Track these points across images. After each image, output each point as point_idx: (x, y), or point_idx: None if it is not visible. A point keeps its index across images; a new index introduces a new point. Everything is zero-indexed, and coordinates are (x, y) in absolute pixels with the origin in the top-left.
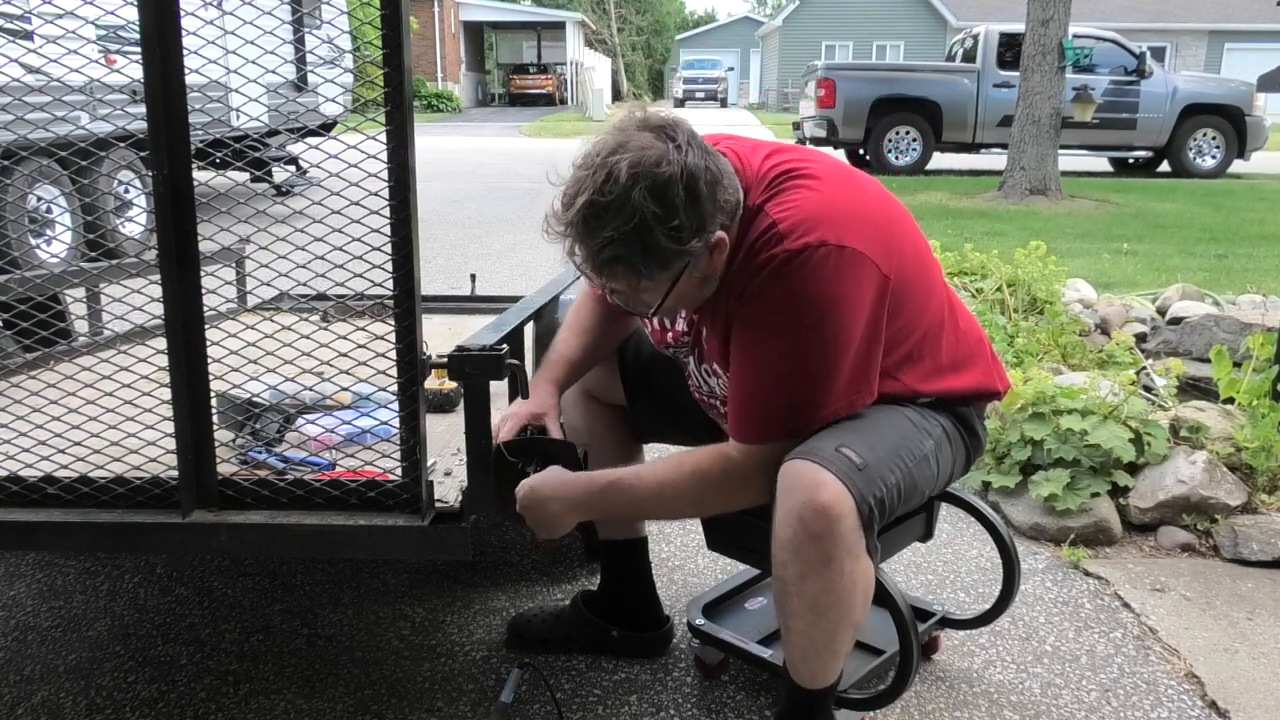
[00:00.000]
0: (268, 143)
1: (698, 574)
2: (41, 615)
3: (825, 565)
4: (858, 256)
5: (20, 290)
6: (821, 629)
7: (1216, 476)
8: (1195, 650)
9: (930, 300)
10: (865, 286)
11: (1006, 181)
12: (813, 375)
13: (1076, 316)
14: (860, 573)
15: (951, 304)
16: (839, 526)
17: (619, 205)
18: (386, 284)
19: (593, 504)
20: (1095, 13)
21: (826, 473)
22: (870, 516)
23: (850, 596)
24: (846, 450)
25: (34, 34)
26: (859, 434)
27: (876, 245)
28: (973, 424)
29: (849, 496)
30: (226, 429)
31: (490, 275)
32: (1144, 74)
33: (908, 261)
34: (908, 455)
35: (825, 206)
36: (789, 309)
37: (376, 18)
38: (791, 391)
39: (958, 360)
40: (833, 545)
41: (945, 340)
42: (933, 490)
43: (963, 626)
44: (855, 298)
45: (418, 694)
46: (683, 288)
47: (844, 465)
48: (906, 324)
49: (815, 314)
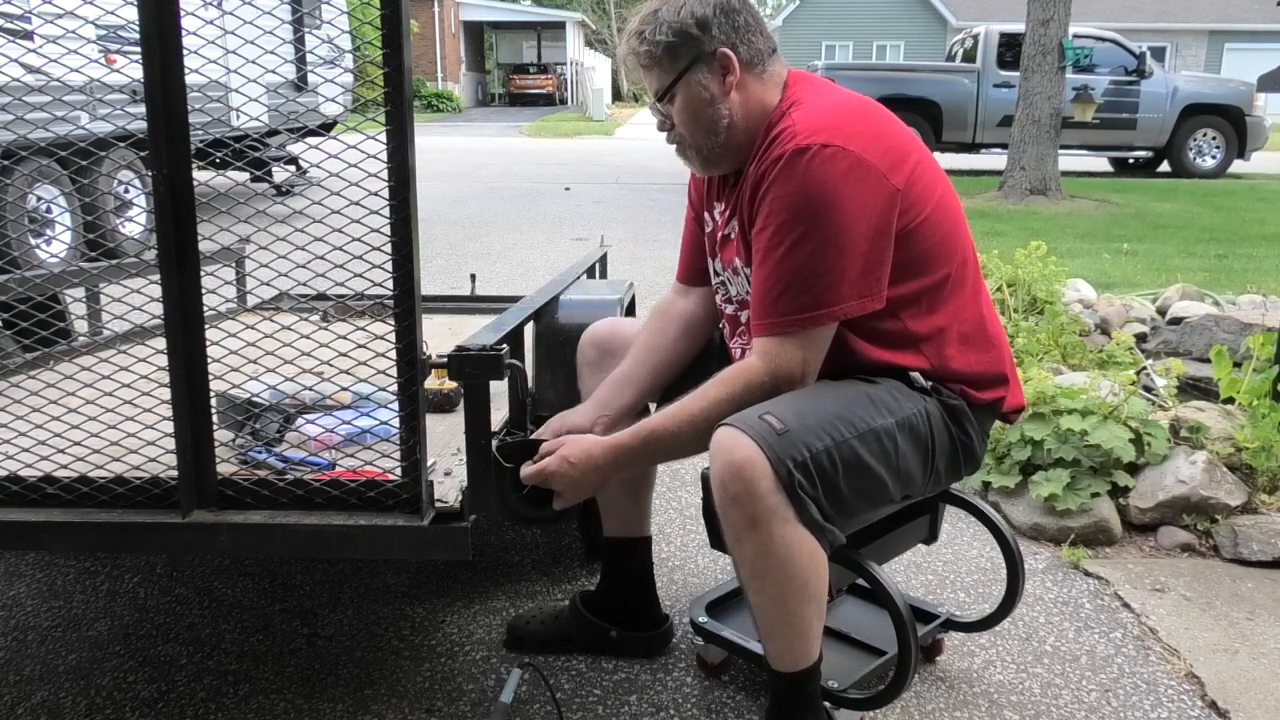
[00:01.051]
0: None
1: (698, 574)
2: (41, 615)
3: (751, 527)
4: (864, 162)
5: (20, 290)
6: (768, 597)
7: (1216, 476)
8: (1195, 650)
9: (951, 254)
10: (870, 192)
11: (1006, 181)
12: (818, 266)
13: (1076, 316)
14: (795, 539)
15: (978, 285)
16: (755, 487)
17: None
18: (386, 284)
19: (638, 456)
20: (1095, 13)
21: (743, 436)
22: (790, 479)
23: (788, 562)
24: (769, 417)
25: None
26: (790, 403)
27: (887, 162)
28: (963, 420)
29: (762, 457)
30: (226, 429)
31: (490, 275)
32: (1144, 74)
33: (925, 198)
34: (845, 426)
35: (842, 117)
36: (795, 202)
37: (376, 18)
38: (801, 279)
39: (971, 339)
40: (752, 505)
41: (964, 312)
42: (901, 473)
43: (966, 629)
44: (859, 199)
45: (418, 694)
46: (690, 93)
47: (762, 429)
48: (920, 257)
49: (822, 206)
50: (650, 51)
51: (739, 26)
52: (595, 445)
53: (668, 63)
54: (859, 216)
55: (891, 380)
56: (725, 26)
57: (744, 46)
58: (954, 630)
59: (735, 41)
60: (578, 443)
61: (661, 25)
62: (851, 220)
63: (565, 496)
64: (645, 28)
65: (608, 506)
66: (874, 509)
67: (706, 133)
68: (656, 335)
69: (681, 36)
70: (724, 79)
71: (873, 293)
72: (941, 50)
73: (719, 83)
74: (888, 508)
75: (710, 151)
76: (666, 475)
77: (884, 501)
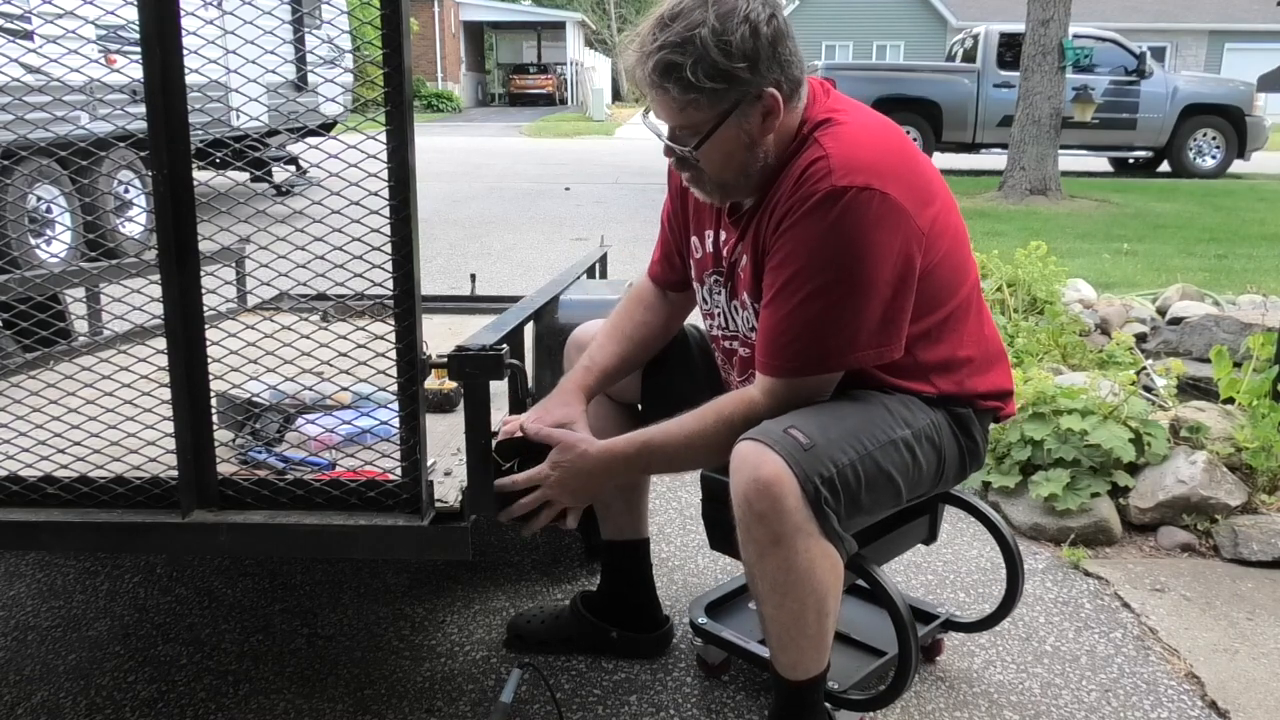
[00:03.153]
0: (268, 143)
1: (698, 574)
2: (41, 615)
3: (775, 544)
4: (898, 206)
5: (20, 290)
6: (787, 611)
7: (1216, 476)
8: (1195, 650)
9: (961, 284)
10: (900, 237)
11: (1006, 181)
12: (840, 314)
13: (1076, 316)
14: (819, 553)
15: (981, 306)
16: (782, 504)
17: (685, 14)
18: (386, 284)
19: (631, 464)
20: (1095, 13)
21: (770, 452)
22: (817, 496)
23: (810, 577)
24: (794, 431)
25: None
26: (813, 416)
27: (916, 201)
28: (970, 428)
29: (789, 473)
30: (226, 429)
31: (490, 275)
32: (1144, 74)
33: (944, 235)
34: (868, 439)
35: (875, 152)
36: (825, 246)
37: (376, 18)
38: (818, 327)
39: (978, 362)
40: (778, 523)
41: (970, 337)
42: (914, 482)
43: (966, 629)
44: (890, 245)
45: (418, 694)
46: (728, 135)
47: (788, 444)
48: (934, 294)
49: (850, 255)
50: (693, 99)
51: (785, 60)
52: (591, 446)
53: (707, 106)
54: (886, 264)
55: (902, 393)
56: (774, 62)
57: (788, 83)
58: (954, 630)
59: (781, 79)
60: (572, 446)
61: (703, 62)
62: (878, 268)
63: (558, 501)
64: (681, 61)
65: (605, 510)
66: (884, 513)
67: (737, 174)
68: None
69: (728, 80)
70: (764, 120)
71: (890, 342)
72: (941, 50)
73: (760, 124)
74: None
75: (735, 188)
76: (666, 475)
77: (892, 506)
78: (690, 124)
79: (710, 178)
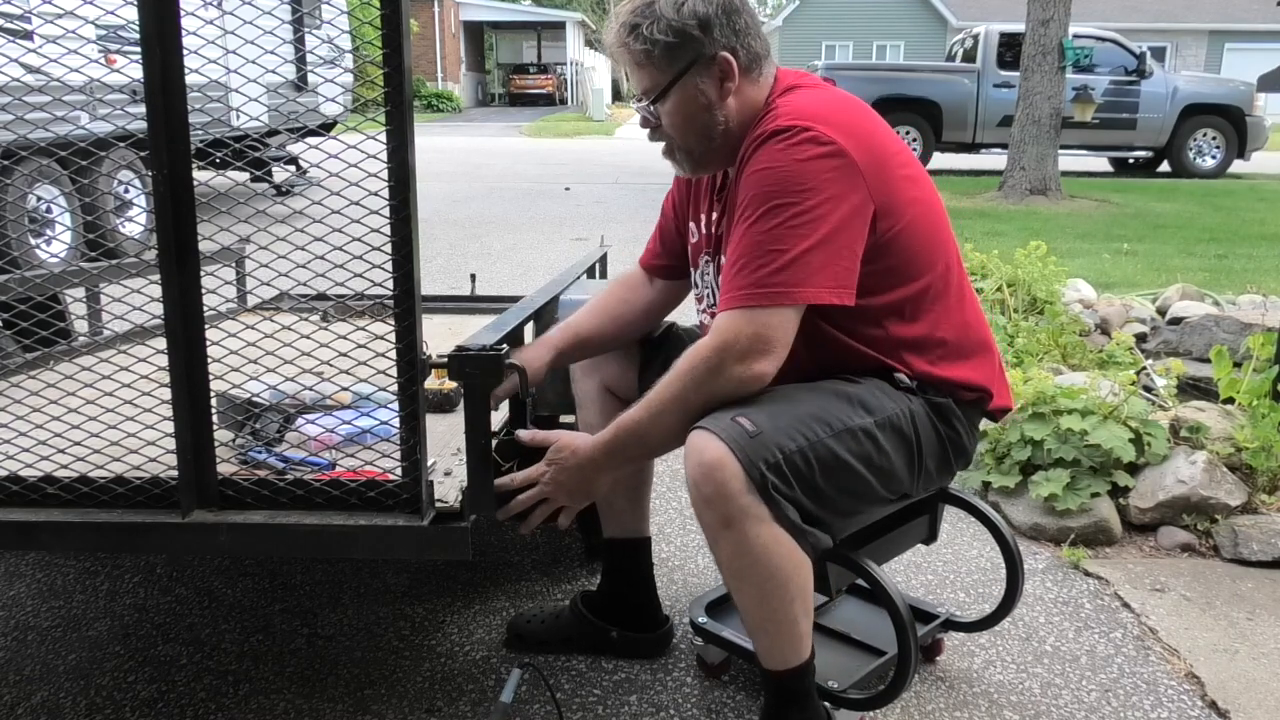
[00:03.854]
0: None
1: (698, 574)
2: (41, 615)
3: (726, 527)
4: (843, 153)
5: (20, 290)
6: (748, 596)
7: (1216, 476)
8: (1195, 650)
9: (935, 261)
10: (845, 184)
11: (1006, 181)
12: (782, 242)
13: (1076, 316)
14: (771, 539)
15: (963, 291)
16: (726, 488)
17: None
18: (386, 284)
19: (615, 455)
20: (1095, 13)
21: (714, 438)
22: (764, 481)
23: (765, 561)
24: (740, 419)
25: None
26: (764, 405)
27: (868, 161)
28: (950, 417)
29: (732, 458)
30: (226, 429)
31: (490, 275)
32: (1144, 74)
33: (906, 205)
34: (820, 426)
35: (829, 109)
36: (767, 178)
37: (376, 18)
38: (762, 253)
39: (955, 347)
40: (724, 505)
41: (948, 319)
42: (884, 472)
43: (966, 629)
44: (833, 186)
45: (418, 694)
46: (686, 96)
47: (733, 431)
48: (903, 266)
49: (789, 184)
50: (646, 50)
51: (739, 29)
52: (583, 443)
53: (664, 63)
54: (830, 203)
55: (875, 380)
56: (727, 29)
57: (744, 51)
58: (954, 630)
59: (736, 45)
60: (566, 444)
61: (660, 20)
62: (821, 204)
63: (554, 498)
64: (641, 21)
65: (607, 508)
66: (864, 507)
67: (699, 138)
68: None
69: (681, 37)
70: (722, 84)
71: (841, 285)
72: (941, 50)
73: (717, 88)
74: (883, 507)
75: (701, 155)
76: (666, 475)
77: (871, 499)
78: (652, 83)
79: (678, 145)
